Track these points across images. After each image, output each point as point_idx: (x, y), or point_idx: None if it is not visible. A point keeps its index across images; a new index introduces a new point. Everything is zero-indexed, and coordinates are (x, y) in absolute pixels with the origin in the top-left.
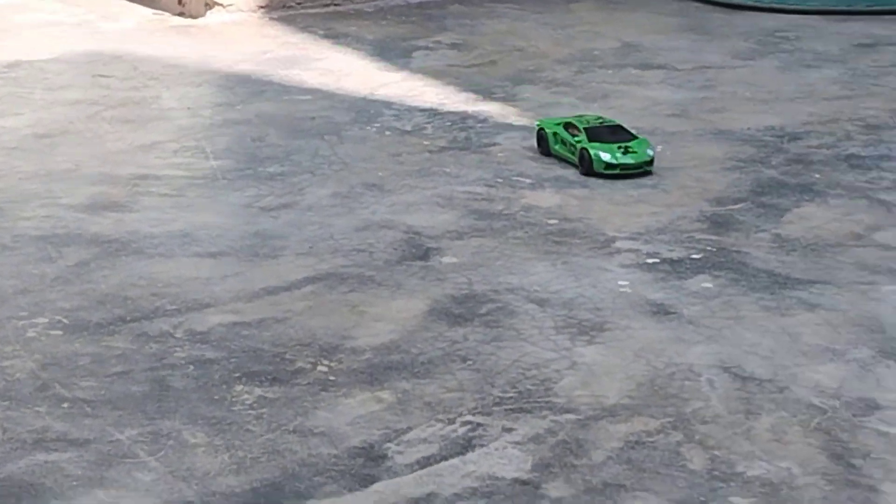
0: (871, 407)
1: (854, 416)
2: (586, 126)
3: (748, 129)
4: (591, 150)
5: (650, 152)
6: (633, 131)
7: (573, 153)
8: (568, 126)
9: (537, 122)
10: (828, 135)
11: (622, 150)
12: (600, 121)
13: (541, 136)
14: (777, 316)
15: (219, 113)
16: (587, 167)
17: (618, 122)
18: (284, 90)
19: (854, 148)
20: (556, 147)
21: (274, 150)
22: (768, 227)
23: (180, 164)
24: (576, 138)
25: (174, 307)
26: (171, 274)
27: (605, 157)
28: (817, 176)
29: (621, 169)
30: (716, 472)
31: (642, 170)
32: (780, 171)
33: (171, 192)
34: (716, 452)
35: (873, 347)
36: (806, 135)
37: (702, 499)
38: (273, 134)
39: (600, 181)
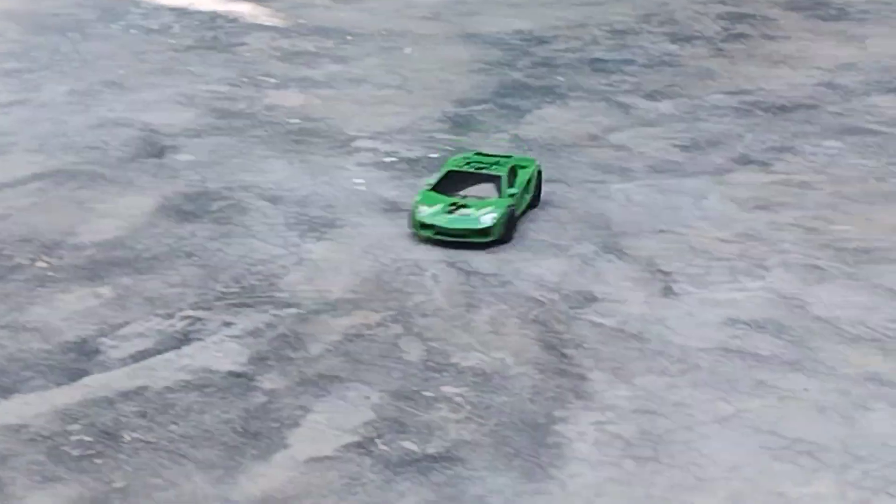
0: (589, 300)
1: (571, 308)
2: (451, 169)
3: (498, 32)
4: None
5: (485, 221)
6: (514, 184)
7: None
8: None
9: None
10: (575, 39)
11: (452, 208)
12: (476, 163)
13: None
14: None
15: None
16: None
17: (511, 162)
18: None
19: (599, 52)
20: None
21: (12, 47)
22: (508, 128)
23: None
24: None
25: None
26: None
27: (423, 212)
28: (561, 79)
29: (435, 233)
30: (431, 363)
31: (468, 238)
32: (524, 73)
33: None
34: (433, 344)
35: (597, 243)
36: (553, 39)
37: (414, 388)
38: (13, 30)
39: (347, 82)
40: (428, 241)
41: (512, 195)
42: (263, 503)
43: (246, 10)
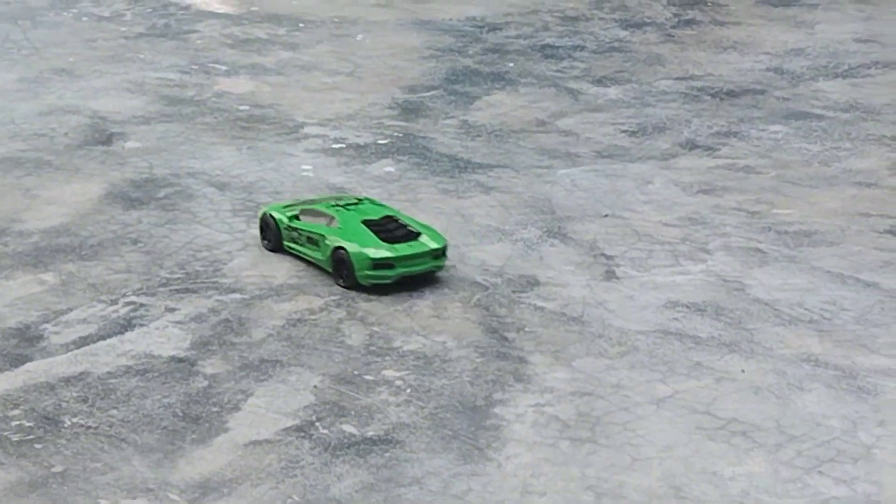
0: (532, 283)
1: (514, 292)
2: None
3: (450, 19)
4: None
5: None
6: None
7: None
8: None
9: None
10: (526, 25)
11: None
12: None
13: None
14: (453, 199)
15: None
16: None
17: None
18: None
19: (550, 38)
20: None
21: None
22: (457, 114)
23: None
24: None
25: None
26: None
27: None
28: (511, 65)
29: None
30: (373, 347)
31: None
32: (475, 60)
33: None
34: (375, 329)
35: (541, 227)
36: (505, 25)
37: (356, 372)
38: None
39: (297, 69)
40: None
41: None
42: (202, 486)
43: None
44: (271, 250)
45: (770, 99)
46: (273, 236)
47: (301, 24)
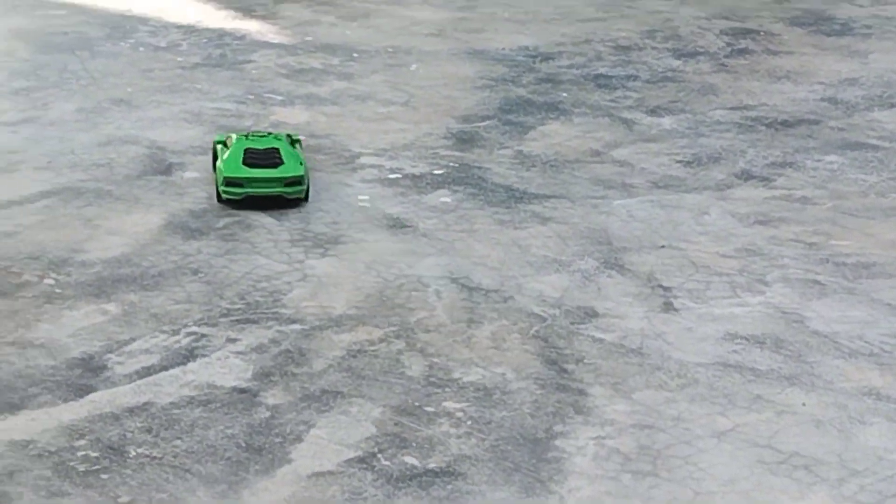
0: (590, 315)
1: (572, 323)
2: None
3: (503, 49)
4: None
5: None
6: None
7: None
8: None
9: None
10: (579, 55)
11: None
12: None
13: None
14: (510, 229)
15: None
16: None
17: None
18: (38, 4)
19: (603, 68)
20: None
21: (22, 65)
22: (511, 144)
23: None
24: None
25: None
26: None
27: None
28: (565, 95)
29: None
30: (433, 379)
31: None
32: (529, 90)
33: None
34: (435, 360)
35: (598, 258)
36: (558, 55)
37: (416, 404)
38: (22, 49)
39: (352, 99)
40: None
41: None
42: None
43: (253, 28)
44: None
45: (825, 129)
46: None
47: (355, 54)
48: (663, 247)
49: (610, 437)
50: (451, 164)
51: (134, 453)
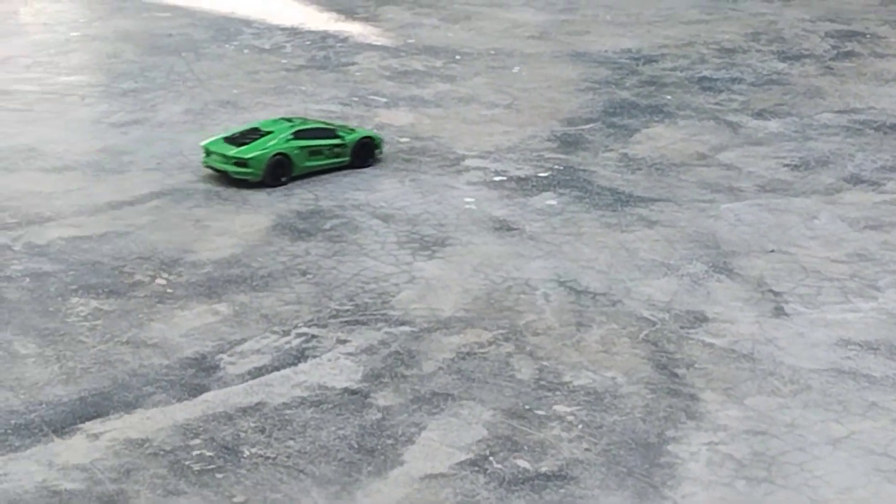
0: (699, 319)
1: (682, 328)
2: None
3: (605, 51)
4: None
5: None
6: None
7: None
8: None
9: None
10: (682, 58)
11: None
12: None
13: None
14: (617, 232)
15: (75, 29)
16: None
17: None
18: (144, 7)
19: (707, 71)
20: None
21: (129, 67)
22: (616, 147)
23: (32, 79)
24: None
25: (14, 220)
26: (14, 188)
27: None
28: (669, 97)
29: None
30: (543, 382)
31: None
32: (632, 92)
33: (20, 106)
34: (544, 363)
35: (707, 262)
36: (661, 57)
37: (527, 407)
38: (129, 50)
39: (456, 101)
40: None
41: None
42: None
43: (356, 30)
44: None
45: None
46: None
47: (457, 57)
48: (773, 251)
49: (723, 443)
50: (556, 166)
51: (248, 453)
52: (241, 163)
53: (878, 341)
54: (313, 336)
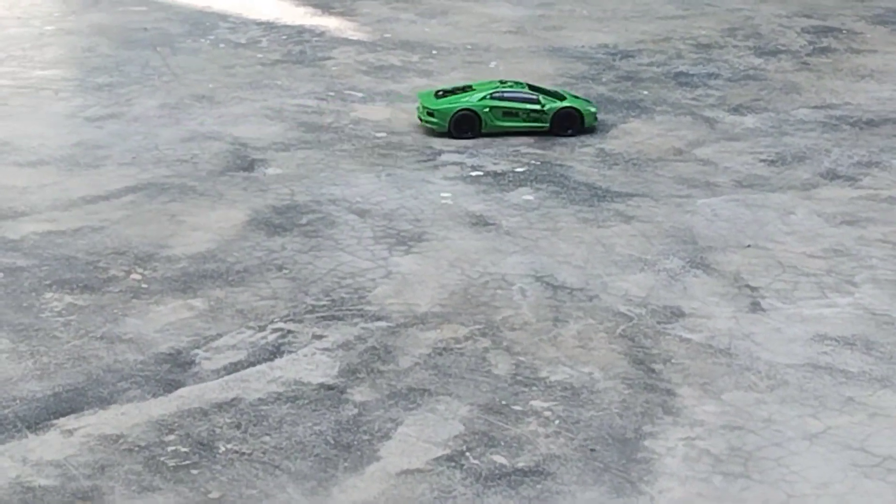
0: (676, 315)
1: (658, 323)
2: (531, 87)
3: (582, 46)
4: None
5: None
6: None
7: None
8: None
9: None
10: (659, 53)
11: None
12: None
13: (465, 117)
14: (593, 227)
15: (50, 22)
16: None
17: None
18: (119, 1)
19: (684, 66)
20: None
21: (104, 61)
22: (593, 142)
23: (6, 73)
24: (541, 104)
25: None
26: None
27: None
28: (645, 93)
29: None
30: (519, 377)
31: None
32: (609, 87)
33: None
34: (521, 358)
35: (684, 258)
36: (638, 53)
37: (503, 402)
38: (104, 44)
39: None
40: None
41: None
42: None
43: (332, 25)
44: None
45: None
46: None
47: (434, 51)
48: (749, 246)
49: (700, 438)
50: (533, 161)
51: (223, 449)
52: (430, 113)
53: (855, 336)
54: (289, 331)
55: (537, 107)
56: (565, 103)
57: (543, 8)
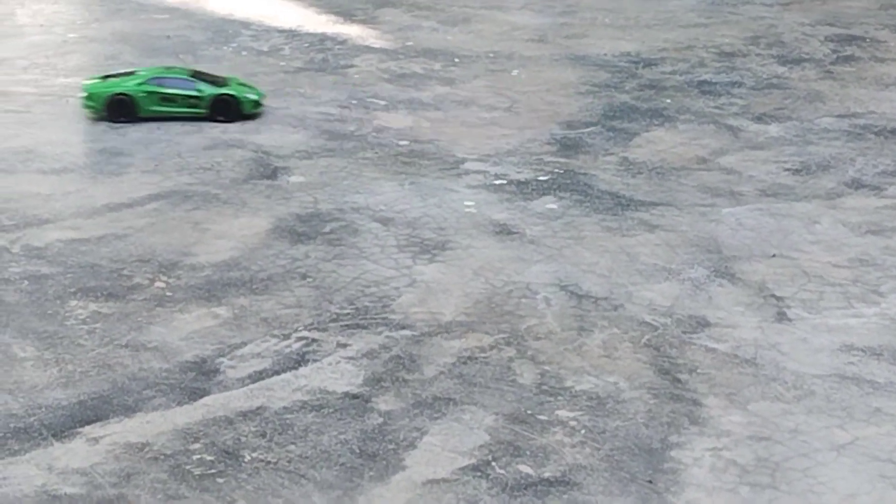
0: (702, 324)
1: (684, 332)
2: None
3: (604, 54)
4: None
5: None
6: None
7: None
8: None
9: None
10: (682, 61)
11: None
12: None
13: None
14: (617, 236)
15: (73, 30)
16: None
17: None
18: (141, 8)
19: (707, 74)
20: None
21: (127, 69)
22: (616, 151)
23: (29, 80)
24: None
25: (12, 223)
26: (12, 189)
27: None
28: (668, 101)
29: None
30: (545, 387)
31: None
32: (632, 96)
33: (18, 108)
34: (546, 368)
35: (708, 267)
36: (661, 61)
37: (529, 412)
38: (127, 52)
39: (455, 104)
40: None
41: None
42: None
43: (354, 32)
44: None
45: None
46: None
47: (456, 59)
48: (774, 256)
49: (726, 449)
50: (556, 170)
51: (249, 457)
52: (88, 96)
53: (882, 347)
54: (314, 340)
55: (194, 93)
56: (223, 90)
57: (566, 16)
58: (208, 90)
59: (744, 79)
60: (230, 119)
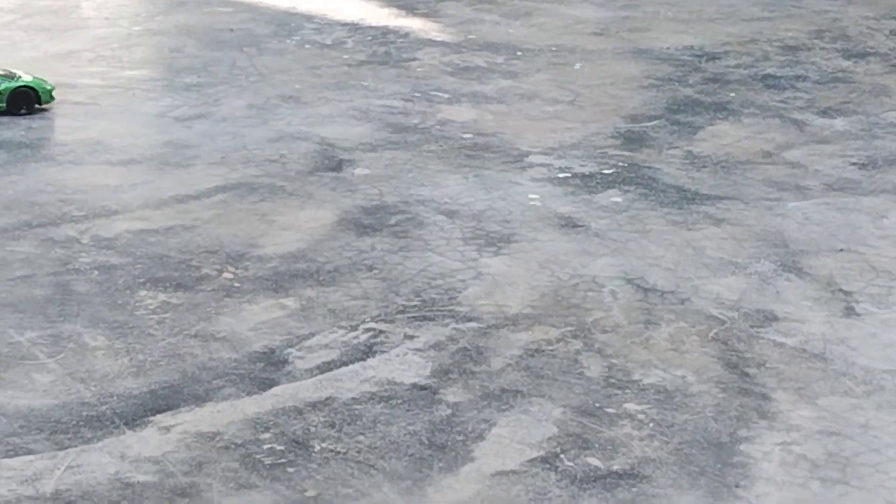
0: (769, 318)
1: (751, 327)
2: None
3: (667, 48)
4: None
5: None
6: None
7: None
8: None
9: None
10: (746, 55)
11: None
12: None
13: None
14: (683, 230)
15: (138, 23)
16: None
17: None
18: (205, 2)
19: (771, 68)
20: None
21: (191, 61)
22: (681, 144)
23: (96, 73)
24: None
25: (81, 213)
26: (81, 181)
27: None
28: (732, 95)
29: None
30: (612, 380)
31: None
32: (696, 89)
33: (85, 100)
34: (613, 361)
35: (775, 261)
36: (724, 55)
37: (597, 405)
38: (191, 45)
39: (518, 97)
40: None
41: None
42: None
43: (416, 26)
44: None
45: None
46: None
47: (519, 53)
48: (842, 250)
49: (796, 444)
50: (621, 163)
51: (318, 448)
52: None
53: None
54: (381, 331)
55: None
56: (20, 83)
57: (628, 9)
58: (6, 83)
59: (808, 73)
60: (30, 112)
